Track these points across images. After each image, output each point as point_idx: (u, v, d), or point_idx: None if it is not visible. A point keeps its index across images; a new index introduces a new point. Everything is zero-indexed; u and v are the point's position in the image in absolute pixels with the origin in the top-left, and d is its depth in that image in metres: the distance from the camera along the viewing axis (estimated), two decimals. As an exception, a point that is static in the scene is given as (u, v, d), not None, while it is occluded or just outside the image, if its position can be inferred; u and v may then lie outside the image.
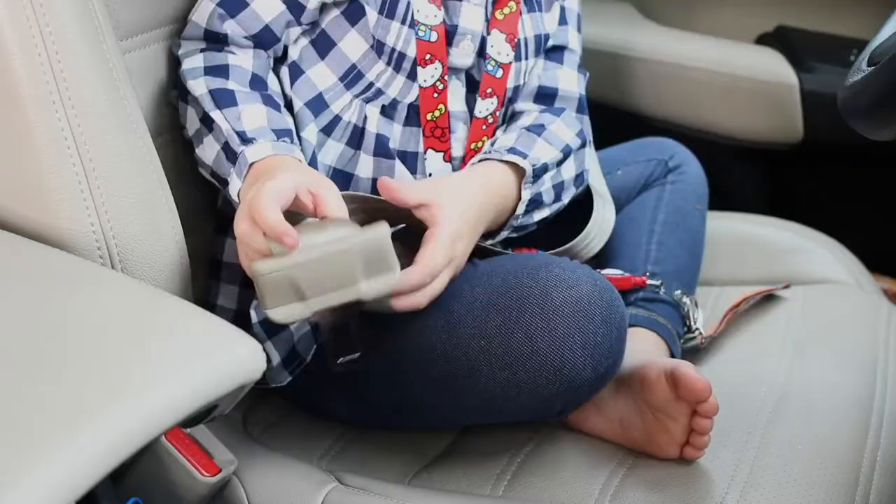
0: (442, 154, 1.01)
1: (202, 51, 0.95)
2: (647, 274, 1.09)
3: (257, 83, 0.94)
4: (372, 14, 0.96)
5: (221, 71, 0.93)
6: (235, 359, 0.62)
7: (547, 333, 0.84)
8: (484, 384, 0.86)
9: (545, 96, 1.06)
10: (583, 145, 1.05)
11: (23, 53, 0.75)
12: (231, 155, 0.88)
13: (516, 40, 1.01)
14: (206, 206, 1.03)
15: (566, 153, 1.02)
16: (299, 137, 0.96)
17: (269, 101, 0.92)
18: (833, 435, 0.95)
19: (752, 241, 1.30)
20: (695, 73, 1.52)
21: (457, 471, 0.95)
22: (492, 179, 0.97)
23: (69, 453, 0.54)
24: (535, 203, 1.00)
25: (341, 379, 0.93)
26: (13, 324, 0.62)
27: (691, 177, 1.22)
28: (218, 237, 1.01)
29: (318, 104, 0.98)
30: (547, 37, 1.05)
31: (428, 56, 0.97)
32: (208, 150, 0.91)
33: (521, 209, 0.98)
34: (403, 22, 0.95)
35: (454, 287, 0.89)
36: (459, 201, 0.91)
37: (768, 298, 1.19)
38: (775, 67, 1.49)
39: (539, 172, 0.98)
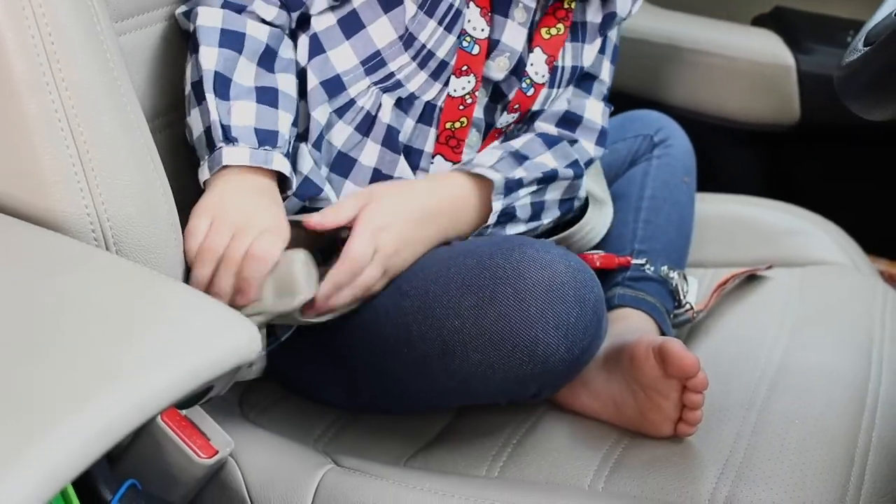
0: (451, 163, 1.02)
1: (223, 6, 0.93)
2: (633, 252, 1.09)
3: (266, 59, 0.93)
4: (410, 6, 0.95)
5: (236, 40, 0.92)
6: (231, 339, 0.62)
7: (520, 314, 0.84)
8: (458, 365, 0.86)
9: (569, 122, 1.07)
10: (577, 177, 1.05)
11: (15, 34, 0.75)
12: (210, 143, 0.89)
13: (554, 65, 1.01)
14: (200, 190, 1.02)
15: (548, 177, 1.02)
16: (307, 116, 0.97)
17: (265, 95, 0.92)
18: (828, 415, 0.95)
19: (747, 223, 1.30)
20: (691, 55, 1.52)
21: (452, 452, 0.95)
22: (450, 186, 0.98)
23: (64, 434, 0.54)
24: (508, 216, 1.00)
25: (330, 365, 0.93)
26: (6, 305, 0.62)
27: (678, 150, 1.22)
28: None
29: (334, 85, 0.97)
30: (582, 69, 1.06)
31: (465, 67, 0.97)
32: (193, 123, 0.92)
33: (492, 219, 0.98)
34: (441, 23, 0.95)
35: (430, 268, 0.90)
36: (392, 197, 0.94)
37: (760, 280, 1.19)
38: (772, 49, 1.49)
39: (513, 186, 0.99)
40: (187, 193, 0.99)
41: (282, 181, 0.92)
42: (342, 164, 0.99)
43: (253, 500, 0.89)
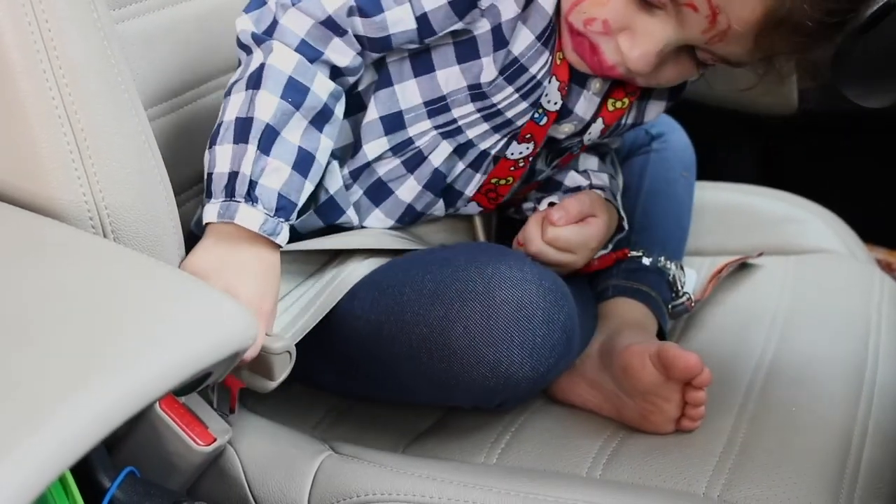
0: (483, 209, 1.03)
1: (298, 48, 0.87)
2: (630, 243, 1.09)
3: (319, 119, 0.89)
4: (490, 69, 0.92)
5: (299, 93, 0.87)
6: (229, 326, 0.62)
7: (486, 330, 0.84)
8: (423, 371, 0.87)
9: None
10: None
11: (12, 22, 0.75)
12: (229, 189, 0.85)
13: (609, 129, 1.01)
14: (197, 179, 1.02)
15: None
16: (358, 147, 0.95)
17: (302, 160, 0.87)
18: (824, 403, 0.95)
19: (744, 211, 1.30)
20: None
21: (451, 439, 0.96)
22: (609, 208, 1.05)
23: (60, 421, 0.54)
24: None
25: (322, 351, 0.93)
26: (3, 292, 0.62)
27: (675, 144, 1.22)
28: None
29: (395, 122, 0.95)
30: (640, 125, 1.05)
31: (528, 136, 0.96)
32: (220, 157, 0.86)
33: (624, 230, 1.07)
34: (518, 91, 0.93)
35: (408, 271, 0.90)
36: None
37: (756, 268, 1.19)
38: (769, 37, 1.48)
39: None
40: (185, 181, 1.00)
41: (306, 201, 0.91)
42: (378, 192, 0.98)
43: (251, 486, 0.90)
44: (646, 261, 1.08)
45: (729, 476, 0.86)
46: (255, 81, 0.87)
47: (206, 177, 0.87)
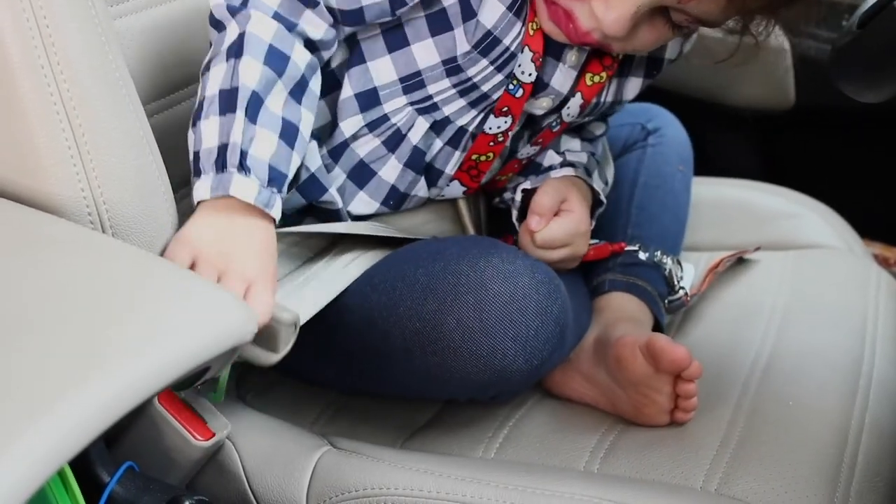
0: (465, 188, 1.02)
1: (275, 17, 0.87)
2: (627, 237, 1.10)
3: (298, 90, 0.88)
4: (462, 42, 0.92)
5: (280, 61, 0.86)
6: (227, 320, 0.62)
7: (479, 323, 0.84)
8: (417, 365, 0.87)
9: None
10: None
11: (10, 18, 0.75)
12: (221, 163, 0.84)
13: (588, 105, 1.01)
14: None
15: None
16: (335, 126, 0.95)
17: (287, 129, 0.86)
18: (822, 396, 0.95)
19: (742, 206, 1.30)
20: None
21: (448, 434, 0.96)
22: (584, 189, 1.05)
23: (58, 416, 0.54)
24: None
25: (319, 347, 0.93)
26: (2, 287, 0.62)
27: (672, 139, 1.22)
28: None
29: (369, 99, 0.95)
30: (620, 103, 1.05)
31: (505, 108, 0.96)
32: (207, 131, 0.85)
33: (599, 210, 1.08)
34: (493, 63, 0.93)
35: (400, 266, 0.90)
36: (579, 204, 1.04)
37: (753, 263, 1.19)
38: (767, 32, 1.48)
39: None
40: (182, 178, 0.99)
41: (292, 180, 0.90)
42: (361, 174, 0.99)
43: (250, 481, 0.90)
44: (642, 255, 1.08)
45: (726, 470, 0.87)
46: (235, 50, 0.86)
47: (192, 156, 0.85)
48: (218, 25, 0.89)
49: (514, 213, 1.06)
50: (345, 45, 0.95)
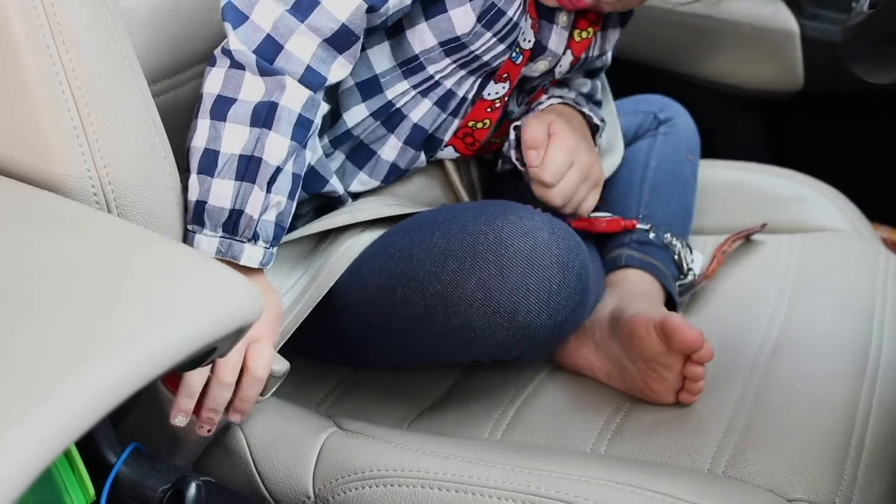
0: (459, 154, 1.03)
1: (306, 78, 0.85)
2: (639, 217, 1.10)
3: (300, 130, 0.86)
4: (467, 19, 0.91)
5: (305, 129, 0.85)
6: (233, 301, 0.61)
7: (500, 280, 0.84)
8: (440, 328, 0.87)
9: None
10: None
11: (15, -3, 0.75)
12: (230, 226, 0.84)
13: (578, 61, 1.02)
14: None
15: None
16: (337, 116, 0.95)
17: (295, 185, 0.86)
18: (830, 379, 0.95)
19: (750, 189, 1.30)
20: (691, 19, 1.51)
21: (455, 415, 0.96)
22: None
23: (63, 396, 0.53)
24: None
25: (326, 324, 0.93)
26: (5, 266, 0.62)
27: (682, 128, 1.22)
28: None
29: (371, 87, 0.95)
30: (604, 54, 1.07)
31: (505, 75, 0.97)
32: (221, 194, 0.84)
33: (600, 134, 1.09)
34: (497, 34, 0.93)
35: (415, 232, 0.90)
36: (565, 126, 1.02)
37: (761, 245, 1.19)
38: (775, 14, 1.48)
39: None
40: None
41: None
42: (360, 155, 0.99)
43: (256, 463, 0.90)
44: (652, 236, 1.08)
45: (733, 452, 0.87)
46: (264, 120, 0.84)
47: (194, 203, 0.84)
48: (239, 66, 0.86)
49: (513, 154, 1.05)
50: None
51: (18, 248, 0.64)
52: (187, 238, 0.85)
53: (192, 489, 0.76)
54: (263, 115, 0.84)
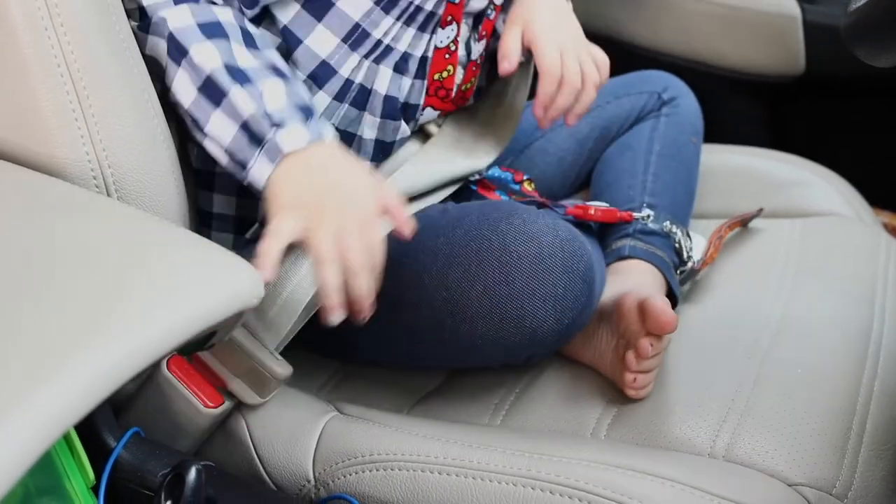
0: (440, 111, 1.01)
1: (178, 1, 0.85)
2: (643, 205, 1.09)
3: (249, 40, 0.86)
4: None
5: (217, 29, 0.85)
6: (234, 284, 0.62)
7: (506, 287, 0.83)
8: (448, 335, 0.87)
9: None
10: None
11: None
12: (255, 138, 0.82)
13: None
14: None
15: None
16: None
17: (277, 72, 0.86)
18: (830, 364, 0.95)
19: (751, 174, 1.29)
20: (693, 4, 1.50)
21: (455, 401, 0.96)
22: None
23: (66, 377, 0.53)
24: None
25: (335, 331, 0.93)
26: (6, 250, 0.62)
27: (686, 109, 1.21)
28: (202, 192, 0.98)
29: (323, 72, 0.93)
30: None
31: (450, 18, 0.96)
32: (219, 128, 0.84)
33: None
34: None
35: (421, 236, 0.89)
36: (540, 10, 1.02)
37: (762, 231, 1.19)
38: (778, -2, 1.47)
39: None
40: (188, 140, 0.99)
41: None
42: (343, 141, 0.97)
43: (257, 447, 0.90)
44: (652, 225, 1.08)
45: (733, 435, 0.87)
46: (178, 52, 0.84)
47: (226, 160, 0.84)
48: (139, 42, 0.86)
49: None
50: (275, 31, 0.92)
51: (19, 234, 0.64)
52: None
53: (192, 473, 0.76)
54: (174, 51, 0.84)
